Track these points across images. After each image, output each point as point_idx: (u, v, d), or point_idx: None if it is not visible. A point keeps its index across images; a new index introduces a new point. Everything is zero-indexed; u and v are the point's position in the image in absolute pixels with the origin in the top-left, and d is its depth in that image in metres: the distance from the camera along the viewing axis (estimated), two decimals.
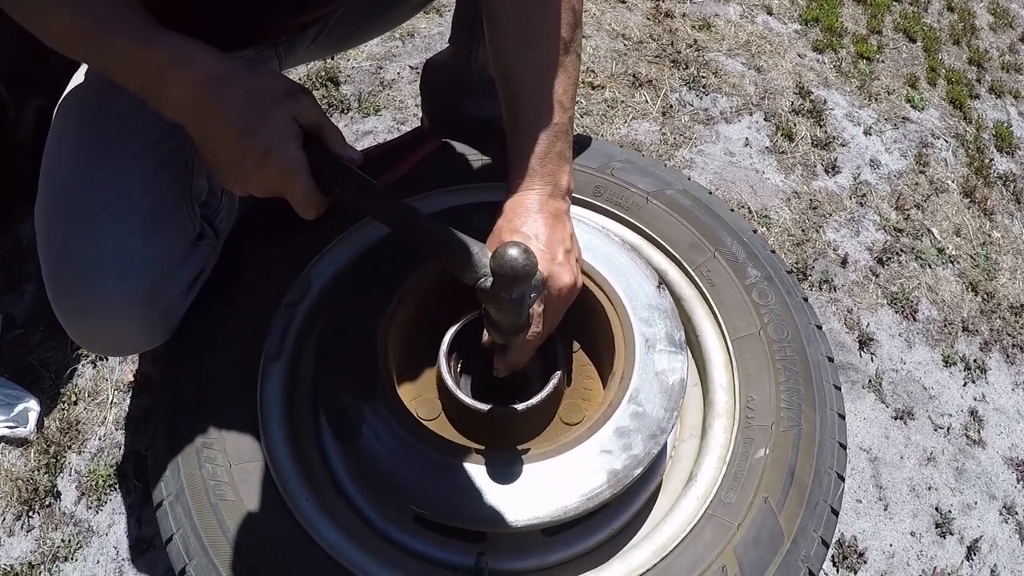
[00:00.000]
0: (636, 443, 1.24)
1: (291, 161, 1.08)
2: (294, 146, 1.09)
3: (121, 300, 1.30)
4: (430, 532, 1.28)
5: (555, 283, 1.26)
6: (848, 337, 2.31)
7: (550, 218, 1.31)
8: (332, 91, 2.74)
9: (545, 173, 1.34)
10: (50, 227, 1.32)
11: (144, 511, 1.74)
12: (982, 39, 3.70)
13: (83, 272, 1.29)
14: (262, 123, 1.07)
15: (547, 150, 1.34)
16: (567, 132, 1.37)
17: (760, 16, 3.44)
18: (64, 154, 1.35)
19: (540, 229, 1.29)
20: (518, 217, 1.31)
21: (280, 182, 1.10)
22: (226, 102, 1.07)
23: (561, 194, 1.35)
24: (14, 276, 2.09)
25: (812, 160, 2.79)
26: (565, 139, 1.36)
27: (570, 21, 1.35)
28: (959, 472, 2.12)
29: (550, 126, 1.34)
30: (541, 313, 1.27)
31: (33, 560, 1.68)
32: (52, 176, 1.34)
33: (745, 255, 1.56)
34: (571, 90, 1.38)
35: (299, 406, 1.39)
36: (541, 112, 1.34)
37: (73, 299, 1.31)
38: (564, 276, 1.27)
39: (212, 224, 1.46)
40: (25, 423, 1.82)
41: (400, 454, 1.22)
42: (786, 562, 1.24)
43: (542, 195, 1.33)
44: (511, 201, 1.34)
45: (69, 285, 1.30)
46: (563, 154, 1.36)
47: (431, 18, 3.07)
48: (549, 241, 1.28)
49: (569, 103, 1.37)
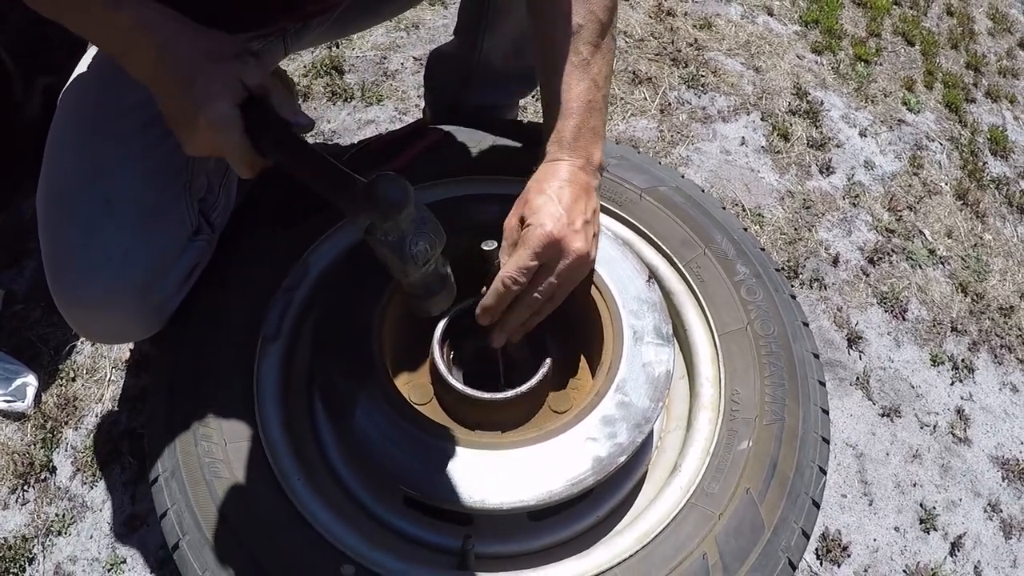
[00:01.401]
0: (621, 432, 1.26)
1: (220, 115, 1.11)
2: (226, 103, 1.11)
3: (116, 294, 1.33)
4: (419, 514, 1.30)
5: (567, 246, 1.28)
6: (837, 335, 2.34)
7: (577, 188, 1.34)
8: (336, 80, 2.75)
9: (578, 147, 1.38)
10: (50, 218, 1.34)
11: (138, 488, 1.77)
12: (980, 44, 3.72)
13: (81, 265, 1.31)
14: (200, 79, 1.10)
15: (581, 124, 1.38)
16: (601, 110, 1.41)
17: (761, 17, 3.45)
18: (67, 146, 1.37)
19: (565, 195, 1.32)
20: (546, 180, 1.35)
21: (212, 137, 1.12)
22: (175, 60, 1.11)
23: (593, 168, 1.39)
24: (16, 252, 2.11)
25: (807, 160, 2.81)
26: (599, 116, 1.40)
27: (608, 4, 1.40)
28: (944, 469, 2.14)
29: (585, 102, 1.38)
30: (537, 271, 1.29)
31: (27, 534, 1.70)
32: (54, 166, 1.36)
33: (735, 252, 1.58)
34: (606, 69, 1.42)
35: (294, 388, 1.41)
36: (578, 88, 1.38)
37: (70, 290, 1.34)
38: (576, 242, 1.29)
39: (208, 219, 1.49)
40: (23, 398, 1.84)
41: (390, 435, 1.23)
42: (766, 552, 1.25)
43: (574, 166, 1.36)
44: (543, 167, 1.38)
45: (67, 277, 1.33)
46: (597, 130, 1.40)
47: (436, 10, 3.08)
48: (570, 207, 1.30)
49: (603, 82, 1.41)
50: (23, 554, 1.68)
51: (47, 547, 1.70)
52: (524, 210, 1.32)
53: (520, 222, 1.32)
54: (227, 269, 1.49)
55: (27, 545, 1.69)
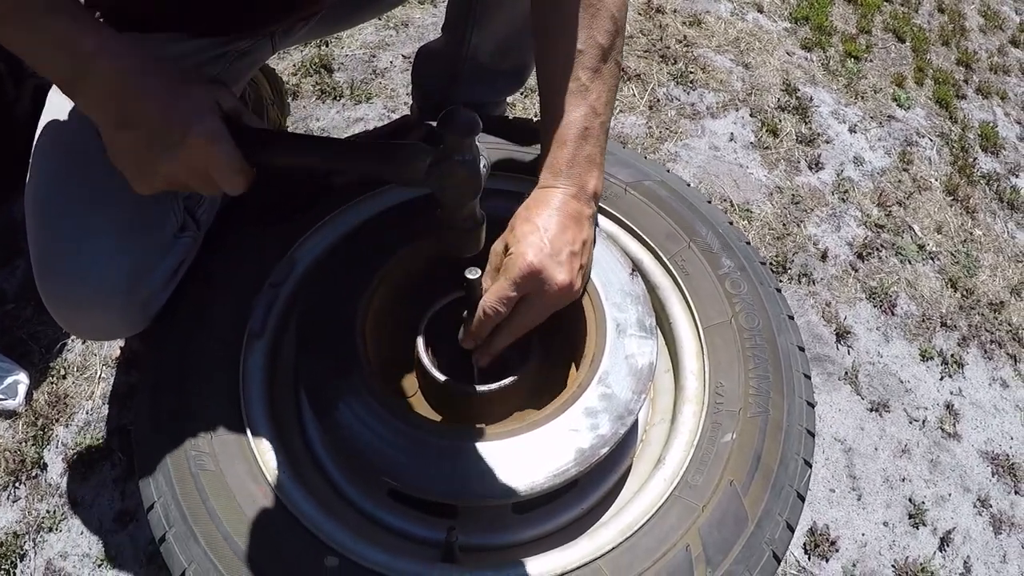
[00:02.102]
0: (603, 423, 1.27)
1: (212, 129, 1.13)
2: (215, 117, 1.14)
3: (103, 292, 1.34)
4: (404, 507, 1.30)
5: (548, 278, 1.26)
6: (825, 330, 2.35)
7: (567, 218, 1.33)
8: (325, 78, 2.77)
9: (572, 174, 1.36)
10: (37, 219, 1.35)
11: (128, 484, 1.78)
12: (971, 40, 3.73)
13: (67, 265, 1.32)
14: (183, 100, 1.13)
15: (576, 153, 1.36)
16: (598, 137, 1.39)
17: (751, 14, 3.46)
18: (53, 145, 1.38)
19: (552, 224, 1.30)
20: (536, 207, 1.34)
21: (206, 152, 1.14)
22: (149, 86, 1.12)
23: (586, 197, 1.37)
24: (7, 251, 2.12)
25: (796, 156, 2.82)
26: (596, 143, 1.39)
27: (610, 29, 1.39)
28: (933, 464, 2.15)
29: (581, 129, 1.37)
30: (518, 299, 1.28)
31: (18, 530, 1.71)
32: (41, 166, 1.37)
33: (720, 245, 1.59)
34: (606, 95, 1.40)
35: (280, 382, 1.42)
36: (575, 114, 1.37)
37: (57, 289, 1.35)
38: (558, 274, 1.27)
39: (194, 216, 1.49)
40: (14, 395, 1.85)
41: (373, 427, 1.24)
42: (750, 544, 1.25)
43: (566, 194, 1.35)
44: (534, 194, 1.38)
45: (54, 276, 1.34)
46: (592, 158, 1.38)
47: (425, 8, 3.09)
48: (555, 237, 1.29)
49: (603, 108, 1.40)
50: (14, 550, 1.69)
51: (38, 543, 1.71)
52: (509, 237, 1.31)
53: (505, 249, 1.31)
54: (213, 266, 1.50)
55: (18, 541, 1.70)
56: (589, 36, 1.37)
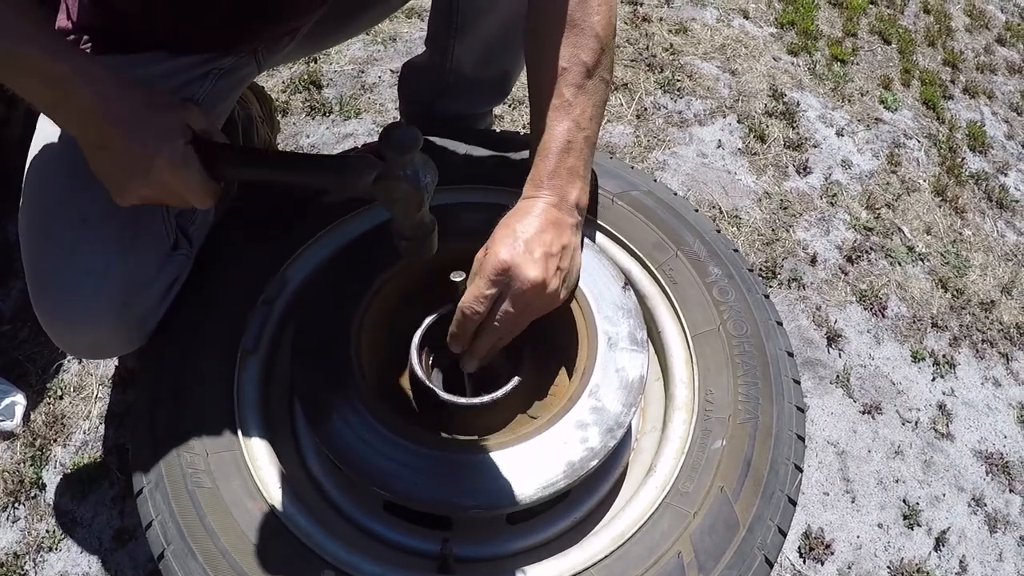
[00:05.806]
0: (593, 436, 1.28)
1: (179, 153, 1.19)
2: (181, 141, 1.19)
3: (96, 311, 1.36)
4: (399, 520, 1.32)
5: (518, 273, 1.27)
6: (816, 334, 2.36)
7: (546, 223, 1.35)
8: (314, 94, 2.78)
9: (553, 185, 1.39)
10: (31, 238, 1.37)
11: (126, 503, 1.79)
12: (958, 40, 3.74)
13: (61, 284, 1.34)
14: (151, 124, 1.18)
15: (557, 165, 1.40)
16: (582, 150, 1.43)
17: (736, 20, 3.48)
18: (45, 165, 1.40)
19: (529, 228, 1.33)
20: (515, 215, 1.37)
21: (172, 176, 1.19)
22: (119, 112, 1.16)
23: (568, 207, 1.40)
24: (2, 273, 2.13)
25: (784, 161, 2.84)
26: (578, 156, 1.42)
27: (594, 47, 1.42)
28: (927, 465, 2.16)
29: (564, 143, 1.40)
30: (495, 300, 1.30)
31: (18, 551, 1.72)
32: (34, 186, 1.39)
33: (707, 253, 1.60)
34: (590, 110, 1.43)
35: (274, 398, 1.43)
36: (558, 128, 1.41)
37: (52, 308, 1.37)
38: (530, 270, 1.28)
39: (186, 234, 1.51)
40: (12, 417, 1.86)
41: (367, 440, 1.25)
42: (741, 549, 1.26)
43: (547, 203, 1.38)
44: (517, 204, 1.41)
45: (48, 295, 1.36)
46: (575, 170, 1.41)
47: (413, 23, 3.11)
48: (531, 238, 1.31)
49: (587, 122, 1.43)
50: (14, 571, 1.70)
51: (38, 563, 1.72)
52: (488, 242, 1.34)
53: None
54: (206, 283, 1.51)
55: (19, 562, 1.71)
56: (573, 55, 1.41)
